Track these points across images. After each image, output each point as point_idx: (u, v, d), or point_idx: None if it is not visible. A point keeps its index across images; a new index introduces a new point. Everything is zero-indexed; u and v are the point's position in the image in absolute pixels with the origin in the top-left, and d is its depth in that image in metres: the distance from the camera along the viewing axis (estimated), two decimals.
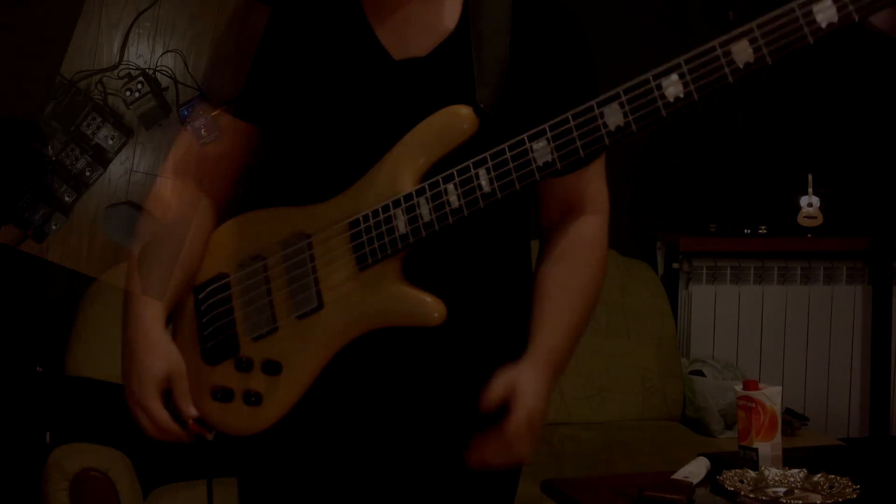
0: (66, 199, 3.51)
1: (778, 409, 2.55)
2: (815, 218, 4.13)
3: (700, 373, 3.80)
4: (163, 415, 1.57)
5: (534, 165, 1.41)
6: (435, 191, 1.45)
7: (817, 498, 2.26)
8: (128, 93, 3.56)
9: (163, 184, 1.76)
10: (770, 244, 4.14)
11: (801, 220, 4.13)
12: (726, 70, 1.34)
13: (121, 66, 3.57)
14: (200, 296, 1.63)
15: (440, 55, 1.54)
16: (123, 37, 3.58)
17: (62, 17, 3.51)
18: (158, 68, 3.58)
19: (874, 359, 4.20)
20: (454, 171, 1.45)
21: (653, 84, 1.35)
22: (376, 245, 1.49)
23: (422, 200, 1.45)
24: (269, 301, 1.57)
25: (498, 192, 1.43)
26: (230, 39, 1.66)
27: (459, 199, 1.44)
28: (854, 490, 2.25)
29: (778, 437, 2.54)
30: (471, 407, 1.57)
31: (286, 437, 1.60)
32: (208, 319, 1.62)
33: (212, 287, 1.63)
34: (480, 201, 1.43)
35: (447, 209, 1.44)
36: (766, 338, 4.17)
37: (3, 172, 3.46)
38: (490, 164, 1.42)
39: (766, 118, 4.19)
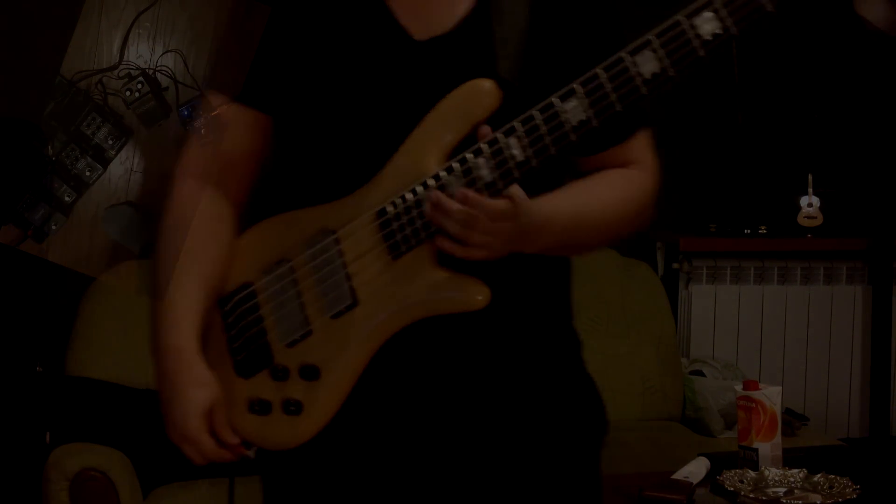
0: (66, 199, 3.52)
1: (778, 409, 2.55)
2: (815, 218, 4.13)
3: (700, 373, 3.80)
4: (210, 445, 1.52)
5: (568, 126, 1.34)
6: (465, 167, 1.38)
7: (817, 498, 2.26)
8: (128, 93, 3.56)
9: (182, 189, 1.60)
10: (770, 244, 4.14)
11: (801, 220, 4.13)
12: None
13: (121, 66, 3.57)
14: (226, 308, 1.57)
15: (462, 31, 1.48)
16: (123, 37, 3.58)
17: (62, 18, 3.52)
18: (158, 68, 3.59)
19: (874, 359, 4.20)
20: (482, 144, 1.37)
21: (686, 24, 1.28)
22: (408, 231, 1.41)
23: (451, 179, 1.38)
24: (299, 304, 1.50)
25: (533, 159, 1.35)
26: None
27: (492, 172, 1.36)
28: (854, 490, 2.25)
29: (778, 437, 2.54)
30: (523, 401, 1.51)
31: (327, 443, 1.52)
32: (237, 331, 1.55)
33: (237, 298, 1.56)
34: (515, 171, 1.36)
35: (481, 184, 1.37)
36: (766, 338, 4.17)
37: (3, 172, 3.46)
38: (520, 130, 1.35)
39: (766, 118, 4.19)
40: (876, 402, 4.19)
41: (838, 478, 2.31)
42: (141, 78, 3.56)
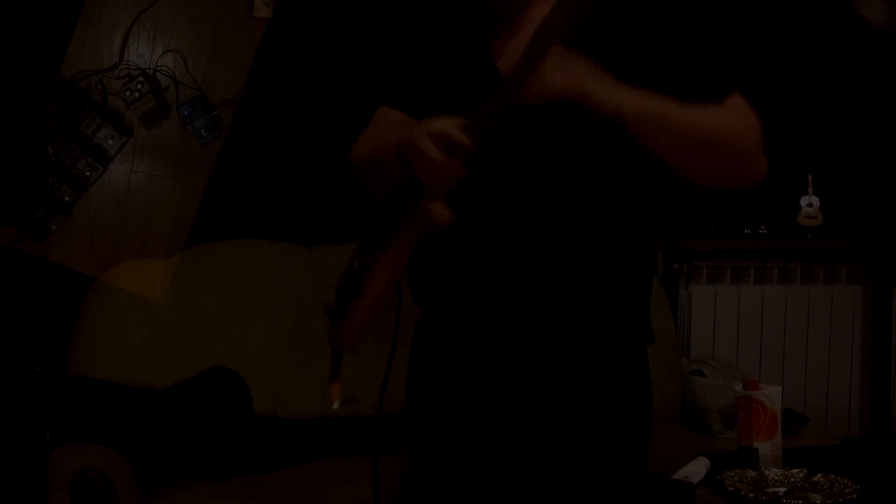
0: (66, 199, 3.51)
1: (778, 409, 2.55)
2: (815, 218, 4.13)
3: (700, 373, 3.80)
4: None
5: None
6: None
7: (817, 498, 2.26)
8: (128, 93, 3.56)
9: (361, 149, 1.88)
10: (770, 244, 4.14)
11: (801, 220, 4.13)
12: None
13: (121, 66, 3.57)
14: None
15: None
16: (123, 37, 3.58)
17: (62, 18, 3.52)
18: (158, 68, 3.58)
19: (874, 359, 4.21)
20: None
21: None
22: None
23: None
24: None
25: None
26: None
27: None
28: (854, 490, 2.26)
29: (778, 437, 2.54)
30: (580, 377, 1.74)
31: (444, 416, 1.81)
32: None
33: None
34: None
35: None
36: (766, 338, 4.17)
37: (3, 173, 3.46)
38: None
39: (766, 118, 4.18)
40: (876, 402, 4.20)
41: (838, 478, 2.31)
42: (141, 78, 3.56)
